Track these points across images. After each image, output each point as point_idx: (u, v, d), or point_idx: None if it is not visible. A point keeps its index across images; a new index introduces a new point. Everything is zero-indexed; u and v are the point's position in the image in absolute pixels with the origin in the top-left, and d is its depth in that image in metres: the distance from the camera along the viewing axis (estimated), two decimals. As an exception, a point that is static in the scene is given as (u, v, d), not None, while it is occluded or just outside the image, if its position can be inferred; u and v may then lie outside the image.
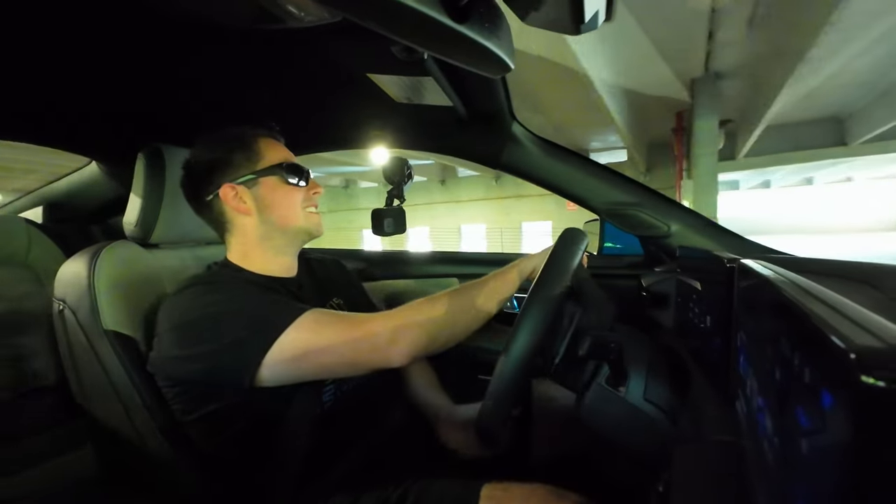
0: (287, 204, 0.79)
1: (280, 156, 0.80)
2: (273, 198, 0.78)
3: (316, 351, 0.66)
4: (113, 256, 0.79)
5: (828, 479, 0.21)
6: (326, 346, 0.66)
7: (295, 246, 0.84)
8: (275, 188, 0.78)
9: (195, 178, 0.79)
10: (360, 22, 0.40)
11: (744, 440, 0.42)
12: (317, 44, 0.67)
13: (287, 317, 0.67)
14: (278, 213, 0.79)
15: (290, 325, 0.66)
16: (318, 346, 0.66)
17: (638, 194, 1.03)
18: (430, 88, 0.78)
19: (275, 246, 0.81)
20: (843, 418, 0.20)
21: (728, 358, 0.54)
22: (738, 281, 0.52)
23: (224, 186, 0.77)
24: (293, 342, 0.65)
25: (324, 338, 0.66)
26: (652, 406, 0.62)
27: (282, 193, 0.79)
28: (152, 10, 0.54)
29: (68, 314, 0.76)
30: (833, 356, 0.21)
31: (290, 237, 0.82)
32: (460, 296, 0.72)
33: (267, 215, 0.78)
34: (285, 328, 0.65)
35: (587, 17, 0.39)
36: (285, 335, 0.65)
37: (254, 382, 0.66)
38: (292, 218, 0.80)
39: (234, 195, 0.77)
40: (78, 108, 0.97)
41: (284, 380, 0.68)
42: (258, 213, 0.78)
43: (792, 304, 0.29)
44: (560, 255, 0.66)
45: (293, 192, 0.79)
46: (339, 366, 0.68)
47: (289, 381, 0.68)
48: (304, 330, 0.66)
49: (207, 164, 0.78)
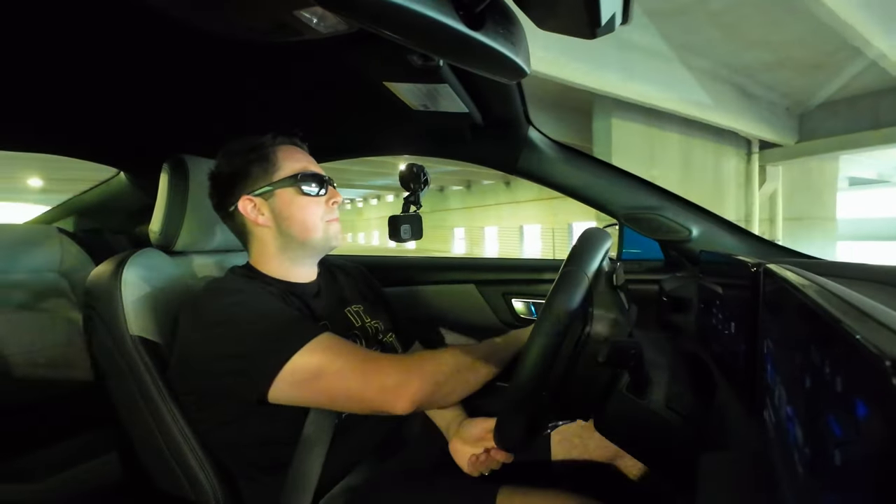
0: (304, 216, 0.78)
1: (297, 165, 0.79)
2: (290, 210, 0.78)
3: (327, 377, 0.65)
4: (139, 264, 0.81)
5: (861, 490, 0.21)
6: (337, 375, 0.65)
7: (315, 256, 0.84)
8: (291, 200, 0.78)
9: (219, 189, 0.81)
10: (376, 32, 0.40)
11: (772, 449, 0.40)
12: (334, 54, 0.68)
13: (301, 338, 0.66)
14: (296, 226, 0.79)
15: (303, 347, 0.65)
16: (329, 373, 0.65)
17: (658, 198, 1.02)
18: (446, 95, 0.78)
19: (293, 256, 0.81)
20: (878, 428, 0.19)
21: (754, 365, 0.53)
22: (764, 286, 0.51)
23: (242, 199, 0.78)
24: (306, 365, 0.65)
25: (336, 366, 0.66)
26: (675, 413, 0.61)
27: (298, 205, 0.78)
28: (176, 26, 0.56)
29: (97, 320, 0.78)
30: (867, 363, 0.20)
31: (310, 249, 0.81)
32: (463, 353, 0.73)
33: (285, 227, 0.79)
34: (299, 349, 0.65)
35: (603, 20, 0.39)
36: (299, 356, 0.65)
37: (262, 399, 0.66)
38: (311, 230, 0.79)
39: (252, 207, 0.78)
40: (107, 121, 1.00)
41: (292, 401, 0.67)
42: (276, 224, 0.79)
43: (821, 310, 0.28)
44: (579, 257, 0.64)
45: (310, 203, 0.79)
46: (345, 399, 0.67)
47: (296, 402, 0.68)
48: (317, 354, 0.66)
49: (229, 176, 0.79)
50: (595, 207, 1.06)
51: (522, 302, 1.28)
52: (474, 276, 1.33)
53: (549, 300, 0.59)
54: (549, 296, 0.60)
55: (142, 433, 0.78)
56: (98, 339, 0.79)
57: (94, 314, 0.79)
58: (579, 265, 0.62)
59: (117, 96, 0.87)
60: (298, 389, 0.65)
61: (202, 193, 0.88)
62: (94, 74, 0.77)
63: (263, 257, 0.81)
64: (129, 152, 1.23)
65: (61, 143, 1.17)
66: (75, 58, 0.71)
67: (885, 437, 0.19)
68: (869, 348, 0.20)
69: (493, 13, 0.42)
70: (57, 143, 1.16)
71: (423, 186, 1.04)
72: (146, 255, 0.85)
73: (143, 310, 0.78)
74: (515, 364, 0.59)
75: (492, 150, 1.07)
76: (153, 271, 0.84)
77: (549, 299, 0.59)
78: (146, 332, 0.77)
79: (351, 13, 0.39)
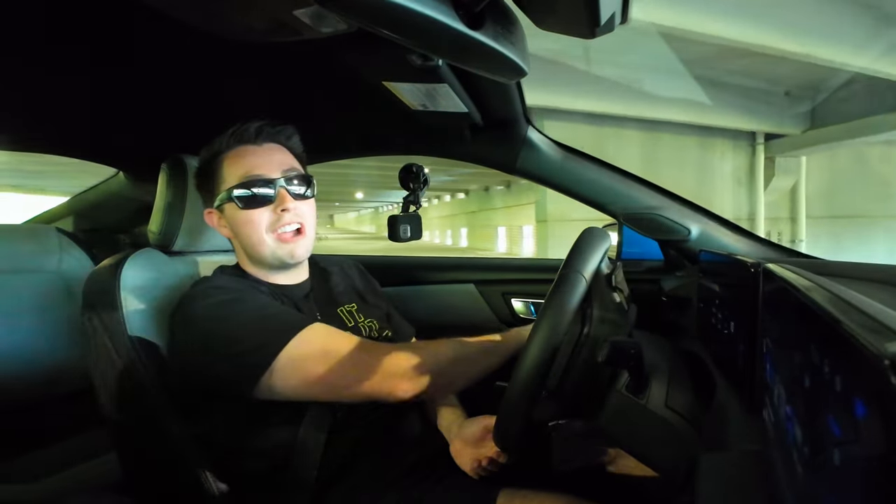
0: (248, 231, 0.75)
1: (238, 172, 0.74)
2: (237, 226, 0.76)
3: (321, 366, 0.65)
4: (137, 264, 0.81)
5: (861, 490, 0.21)
6: (333, 363, 0.65)
7: (285, 263, 0.80)
8: (234, 214, 0.75)
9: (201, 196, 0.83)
10: (375, 31, 0.40)
11: (771, 449, 0.40)
12: (333, 54, 0.68)
13: (292, 329, 0.65)
14: (245, 242, 0.77)
15: (294, 337, 0.65)
16: (323, 362, 0.65)
17: (657, 198, 1.02)
18: (445, 94, 0.78)
19: (264, 265, 0.80)
20: (877, 428, 0.19)
21: (753, 365, 0.53)
22: (763, 285, 0.51)
23: (206, 212, 0.80)
24: (300, 356, 0.65)
25: (331, 355, 0.65)
26: (674, 413, 0.61)
27: (242, 219, 0.75)
28: (175, 25, 0.56)
29: (95, 320, 0.78)
30: (866, 363, 0.20)
31: (268, 264, 0.79)
32: (462, 345, 0.72)
33: (240, 240, 0.78)
34: (290, 339, 0.65)
35: (602, 20, 0.39)
36: (291, 346, 0.64)
37: (257, 394, 0.65)
38: (256, 245, 0.76)
39: (217, 219, 0.79)
40: (106, 121, 1.00)
41: (288, 395, 0.67)
42: (235, 237, 0.79)
43: (820, 309, 0.28)
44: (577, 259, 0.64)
45: (252, 215, 0.74)
46: (343, 390, 0.67)
47: (293, 396, 0.67)
48: (311, 343, 0.65)
49: (198, 186, 0.82)
50: (594, 207, 1.06)
51: (522, 302, 1.28)
52: (474, 276, 1.33)
53: (547, 302, 0.59)
54: (546, 298, 0.60)
55: (140, 433, 0.78)
56: (97, 339, 0.79)
57: (93, 314, 0.78)
58: (577, 268, 0.62)
59: (117, 96, 0.87)
60: (293, 380, 0.65)
61: None
62: (94, 74, 0.77)
63: (244, 263, 0.82)
64: (129, 152, 1.23)
65: (61, 143, 1.16)
66: (75, 57, 0.71)
67: (884, 437, 0.19)
68: (868, 348, 0.20)
69: (493, 13, 0.42)
70: (56, 142, 1.16)
71: (422, 186, 1.04)
72: (145, 255, 0.85)
73: (142, 310, 0.78)
74: (514, 363, 0.59)
75: (491, 149, 1.07)
76: (152, 271, 0.83)
77: (547, 301, 0.59)
78: (144, 332, 0.77)
79: (350, 13, 0.39)
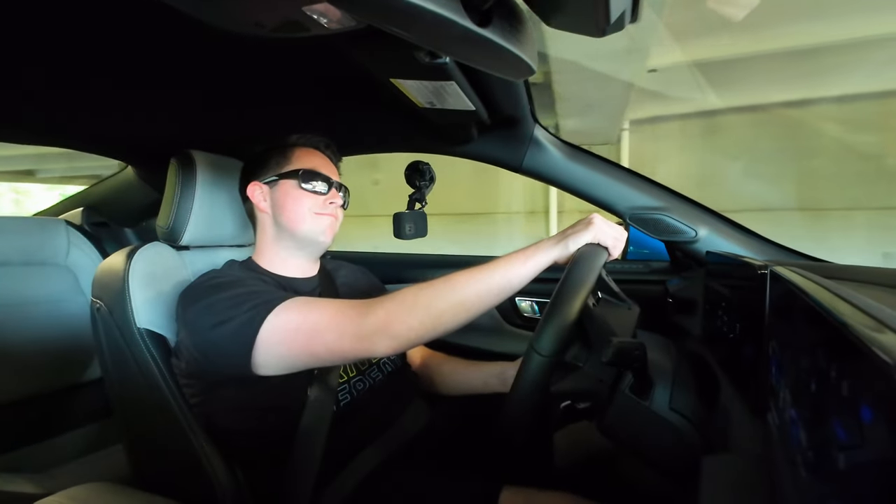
0: (295, 206, 0.82)
1: (307, 163, 0.84)
2: (285, 200, 0.83)
3: (304, 332, 0.66)
4: (146, 258, 0.82)
5: (866, 495, 0.20)
6: (312, 329, 0.66)
7: (306, 249, 0.87)
8: (289, 191, 0.83)
9: (243, 176, 0.88)
10: (384, 28, 0.40)
11: (775, 453, 0.40)
12: (341, 51, 0.68)
13: (276, 301, 0.69)
14: (287, 216, 0.83)
15: (279, 305, 0.68)
16: (305, 327, 0.66)
17: (664, 198, 1.01)
18: (453, 92, 0.78)
19: (286, 247, 0.85)
20: (883, 433, 0.19)
21: (759, 368, 0.52)
22: (770, 288, 0.51)
23: (252, 184, 0.84)
24: (283, 322, 0.67)
25: (310, 319, 0.67)
26: (678, 415, 0.61)
27: (293, 197, 0.82)
28: (183, 21, 0.56)
29: (104, 313, 0.79)
30: (874, 368, 0.20)
31: (298, 240, 0.85)
32: (456, 286, 0.64)
33: (278, 216, 0.83)
34: (274, 307, 0.67)
35: (613, 18, 0.39)
36: (274, 314, 0.67)
37: (252, 366, 0.67)
38: (297, 220, 0.83)
39: (259, 192, 0.84)
40: (115, 116, 1.01)
41: (278, 363, 0.68)
42: (272, 212, 0.84)
43: (828, 313, 0.28)
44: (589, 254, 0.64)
45: (304, 196, 0.82)
46: (326, 353, 0.66)
47: (282, 365, 0.69)
48: (292, 311, 0.68)
49: (250, 164, 0.88)
50: (601, 207, 1.05)
51: (526, 300, 1.28)
52: None
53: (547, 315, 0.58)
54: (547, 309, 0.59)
55: (148, 424, 0.79)
56: (105, 331, 0.80)
57: (102, 306, 0.79)
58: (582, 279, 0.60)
59: (126, 91, 0.88)
60: (279, 350, 0.67)
61: (210, 188, 0.88)
62: (104, 69, 0.78)
63: (263, 245, 0.87)
64: (138, 146, 1.24)
65: (70, 137, 1.17)
66: (84, 52, 0.72)
67: (890, 443, 0.19)
68: (876, 352, 0.20)
69: (501, 10, 0.42)
70: (66, 136, 1.17)
71: (428, 184, 1.04)
72: (153, 248, 0.85)
73: (150, 303, 0.79)
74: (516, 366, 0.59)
75: (498, 148, 1.06)
76: (160, 265, 0.84)
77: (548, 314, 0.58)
78: (153, 324, 0.78)
79: (359, 9, 0.39)
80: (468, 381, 0.96)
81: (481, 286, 0.64)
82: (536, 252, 0.65)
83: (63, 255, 1.27)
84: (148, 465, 0.85)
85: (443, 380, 1.00)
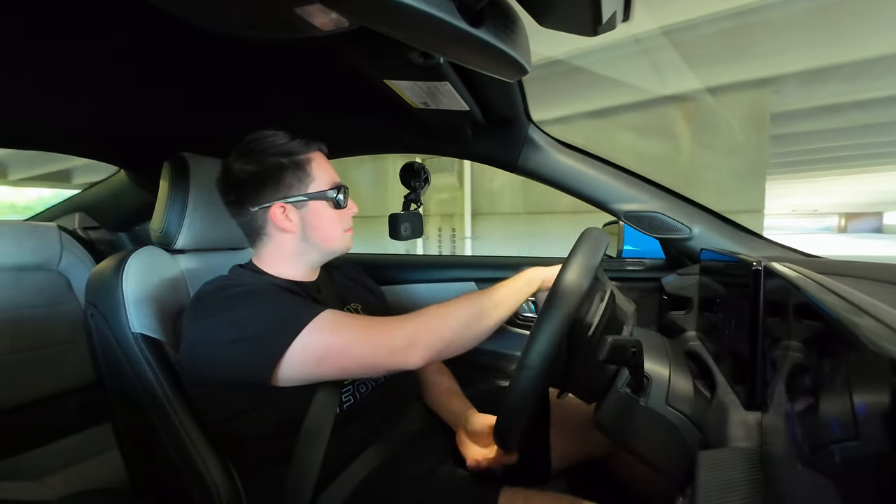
0: (330, 227, 0.82)
1: (330, 178, 0.83)
2: (319, 221, 0.81)
3: (335, 351, 0.67)
4: (140, 262, 0.82)
5: (860, 488, 0.21)
6: (345, 347, 0.67)
7: (326, 259, 0.87)
8: (321, 211, 0.81)
9: (241, 188, 0.79)
10: (377, 29, 0.40)
11: (771, 447, 0.40)
12: (335, 52, 0.68)
13: (306, 316, 0.68)
14: (321, 236, 0.82)
15: (309, 324, 0.67)
16: (337, 347, 0.67)
17: (659, 196, 1.02)
18: (447, 93, 0.78)
19: (309, 261, 0.84)
20: (878, 426, 0.19)
21: (754, 363, 0.53)
22: (765, 284, 0.51)
23: (275, 204, 0.78)
24: (313, 342, 0.66)
25: (343, 339, 0.67)
26: (675, 412, 0.61)
27: (328, 217, 0.82)
28: (177, 23, 0.56)
29: (98, 318, 0.78)
30: (867, 361, 0.20)
31: (326, 255, 0.85)
32: (473, 303, 0.73)
33: (310, 235, 0.81)
34: (304, 326, 0.67)
35: (604, 17, 0.39)
36: (305, 333, 0.66)
37: (273, 380, 0.67)
38: (333, 241, 0.83)
39: (282, 213, 0.78)
40: (108, 119, 1.00)
41: (303, 379, 0.69)
42: (302, 231, 0.80)
43: (821, 308, 0.28)
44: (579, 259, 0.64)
45: (338, 214, 0.83)
46: (357, 368, 0.69)
47: (307, 380, 0.69)
48: (324, 330, 0.67)
49: (258, 177, 0.78)
50: (596, 206, 1.06)
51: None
52: (475, 275, 1.33)
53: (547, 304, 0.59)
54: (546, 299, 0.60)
55: (143, 429, 0.79)
56: (100, 336, 0.79)
57: (96, 311, 0.79)
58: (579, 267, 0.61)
59: (119, 94, 0.87)
60: (309, 365, 0.67)
61: (203, 192, 0.88)
62: (96, 72, 0.77)
63: (274, 258, 0.82)
64: (131, 150, 1.23)
65: (63, 141, 1.16)
66: (77, 55, 0.71)
67: (884, 436, 0.19)
68: (870, 346, 0.20)
69: (494, 10, 0.42)
70: (59, 140, 1.16)
71: (423, 184, 1.04)
72: (147, 253, 0.85)
73: (145, 307, 0.79)
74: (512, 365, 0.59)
75: (493, 148, 1.07)
76: (154, 269, 0.84)
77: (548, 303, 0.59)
78: (148, 329, 0.78)
79: (352, 10, 0.39)
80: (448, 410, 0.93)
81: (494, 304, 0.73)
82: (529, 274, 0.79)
83: (56, 260, 1.26)
84: (144, 470, 0.84)
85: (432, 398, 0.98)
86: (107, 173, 1.51)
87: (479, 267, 1.37)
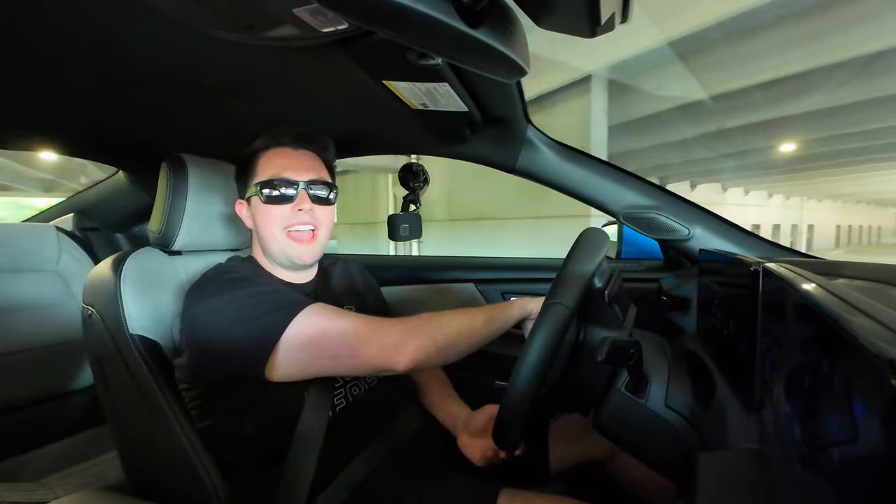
0: (265, 224, 0.79)
1: (270, 171, 0.78)
2: (257, 216, 0.81)
3: (329, 336, 0.67)
4: (138, 263, 0.81)
5: (859, 489, 0.21)
6: (339, 334, 0.67)
7: (289, 268, 0.84)
8: (257, 206, 0.80)
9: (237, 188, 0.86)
10: (375, 30, 0.40)
11: (770, 448, 0.40)
12: (333, 53, 0.68)
13: (301, 304, 0.69)
14: (261, 233, 0.81)
15: (304, 309, 0.67)
16: (331, 332, 0.67)
17: (657, 197, 1.02)
18: (446, 93, 0.78)
19: (273, 261, 0.84)
20: (877, 427, 0.19)
21: (753, 364, 0.53)
22: (763, 285, 0.51)
23: (237, 202, 0.84)
24: (308, 324, 0.67)
25: (336, 325, 0.68)
26: (674, 413, 0.61)
27: (261, 212, 0.79)
28: (175, 24, 0.56)
29: (96, 319, 0.78)
30: (866, 362, 0.20)
31: (275, 259, 0.83)
32: (466, 317, 0.73)
33: (257, 232, 0.82)
34: (299, 311, 0.67)
35: (603, 19, 0.39)
36: (301, 316, 0.67)
37: (268, 368, 0.67)
38: (269, 239, 0.80)
39: (245, 210, 0.83)
40: (106, 120, 1.00)
41: (296, 367, 0.68)
42: (255, 228, 0.83)
43: (820, 309, 0.28)
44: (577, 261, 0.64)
45: (271, 210, 0.78)
46: (348, 356, 0.68)
47: (299, 371, 0.69)
48: (320, 315, 0.68)
49: (235, 178, 0.86)
50: (594, 206, 1.06)
51: None
52: (473, 276, 1.33)
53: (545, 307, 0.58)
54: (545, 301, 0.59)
55: (142, 430, 0.78)
56: (97, 337, 0.79)
57: (94, 312, 0.79)
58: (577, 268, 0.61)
59: (117, 95, 0.87)
60: (300, 354, 0.67)
61: (201, 193, 0.88)
62: (94, 73, 0.77)
63: (258, 254, 0.86)
64: (129, 151, 1.23)
65: (61, 142, 1.16)
66: (75, 56, 0.71)
67: (883, 437, 0.19)
68: (868, 347, 0.20)
69: (492, 11, 0.42)
70: (57, 141, 1.16)
71: (422, 185, 1.04)
72: (145, 254, 0.85)
73: (143, 308, 0.78)
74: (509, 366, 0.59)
75: (491, 148, 1.07)
76: (152, 271, 0.84)
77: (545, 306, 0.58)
78: (146, 330, 0.77)
79: (351, 11, 0.39)
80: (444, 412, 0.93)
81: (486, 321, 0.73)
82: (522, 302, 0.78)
83: (54, 261, 1.26)
84: (142, 471, 0.84)
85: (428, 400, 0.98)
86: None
87: (477, 268, 1.37)
